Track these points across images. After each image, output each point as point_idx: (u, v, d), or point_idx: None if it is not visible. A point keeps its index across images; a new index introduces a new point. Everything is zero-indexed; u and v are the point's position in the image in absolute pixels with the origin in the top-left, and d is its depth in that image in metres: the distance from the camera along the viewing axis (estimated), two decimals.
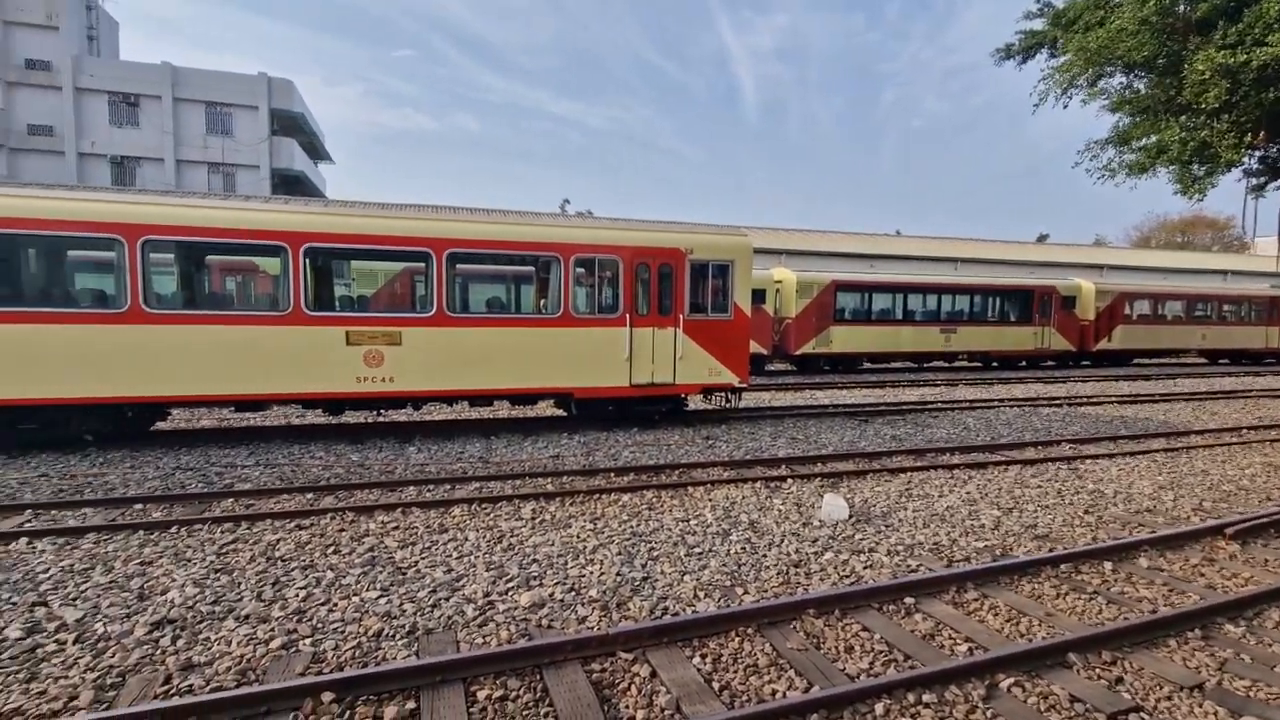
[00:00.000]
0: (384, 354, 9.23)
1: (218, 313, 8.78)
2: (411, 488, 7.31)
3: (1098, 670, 3.83)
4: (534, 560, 5.27)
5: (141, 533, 5.80)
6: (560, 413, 12.23)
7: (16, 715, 3.24)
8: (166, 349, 8.43)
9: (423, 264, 9.54)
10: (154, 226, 8.35)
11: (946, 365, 24.43)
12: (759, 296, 18.82)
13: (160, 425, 10.46)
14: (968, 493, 7.47)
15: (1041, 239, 53.74)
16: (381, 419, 11.48)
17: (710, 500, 6.98)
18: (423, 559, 5.27)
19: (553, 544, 5.63)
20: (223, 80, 35.68)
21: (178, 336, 8.47)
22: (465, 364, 9.56)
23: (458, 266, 9.82)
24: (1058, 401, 14.98)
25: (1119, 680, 3.75)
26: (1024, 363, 24.91)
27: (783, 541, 5.81)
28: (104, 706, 3.31)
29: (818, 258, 32.63)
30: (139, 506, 6.55)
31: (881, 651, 4.00)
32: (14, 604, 4.42)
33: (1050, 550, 5.70)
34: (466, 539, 5.73)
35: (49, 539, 5.61)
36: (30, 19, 33.02)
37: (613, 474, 7.96)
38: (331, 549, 5.47)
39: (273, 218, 8.89)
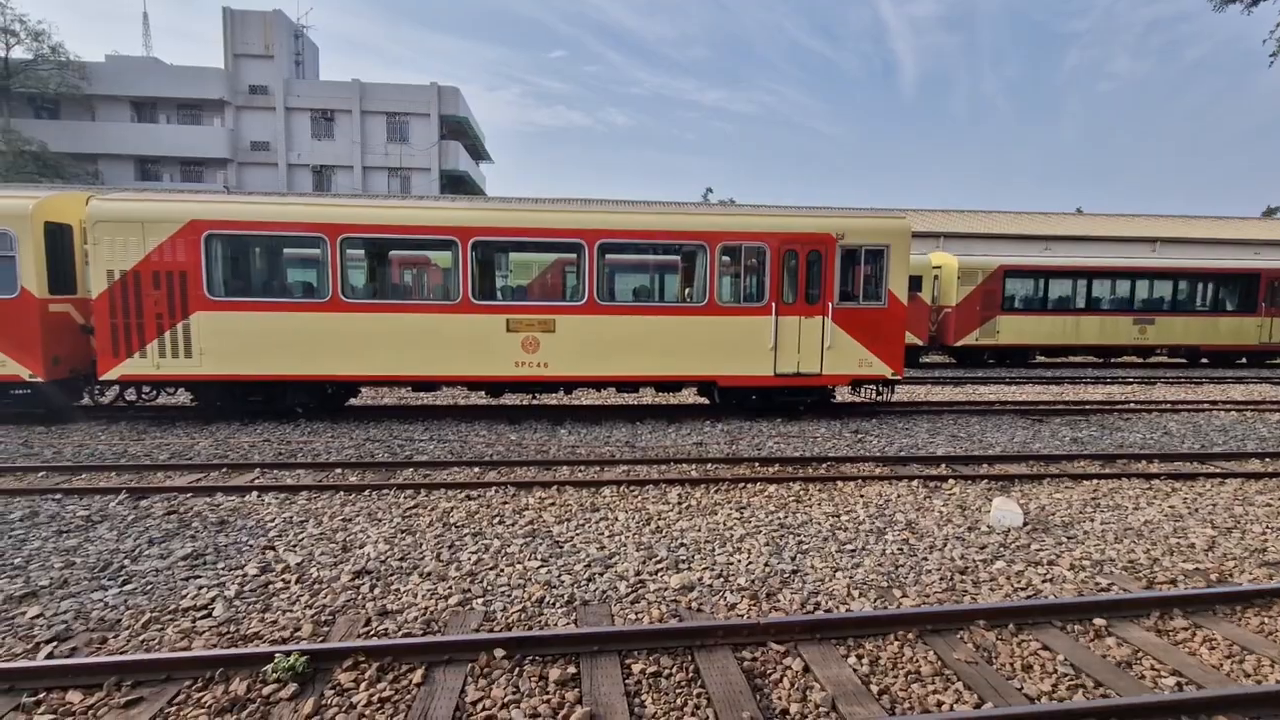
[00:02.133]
0: (539, 341, 9.75)
1: (400, 302, 9.71)
2: (565, 467, 7.71)
3: None
4: (682, 544, 5.35)
5: (342, 494, 6.58)
6: (703, 401, 12.27)
7: (256, 639, 3.85)
8: (359, 334, 9.44)
9: (575, 255, 9.95)
10: (350, 226, 9.41)
11: (1140, 361, 21.39)
12: (915, 284, 17.62)
13: (352, 401, 11.76)
14: (1171, 507, 6.53)
15: (1270, 213, 45.15)
16: (535, 402, 12.15)
17: (862, 496, 6.74)
18: (577, 535, 5.54)
19: (699, 530, 5.69)
20: (401, 92, 39.57)
21: (368, 323, 9.46)
22: (613, 351, 9.87)
23: (607, 257, 10.06)
24: None
25: None
26: (1243, 360, 21.17)
27: (945, 545, 5.44)
28: (319, 640, 3.84)
29: (982, 240, 29.86)
30: (339, 471, 7.45)
31: (1066, 675, 3.61)
32: (251, 546, 5.26)
33: None
34: (617, 519, 5.94)
35: (273, 494, 6.57)
36: (252, 50, 38.69)
37: (758, 464, 7.90)
38: (497, 519, 5.91)
39: (444, 214, 9.68)
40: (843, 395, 12.66)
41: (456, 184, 43.08)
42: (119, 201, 9.19)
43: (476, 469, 7.60)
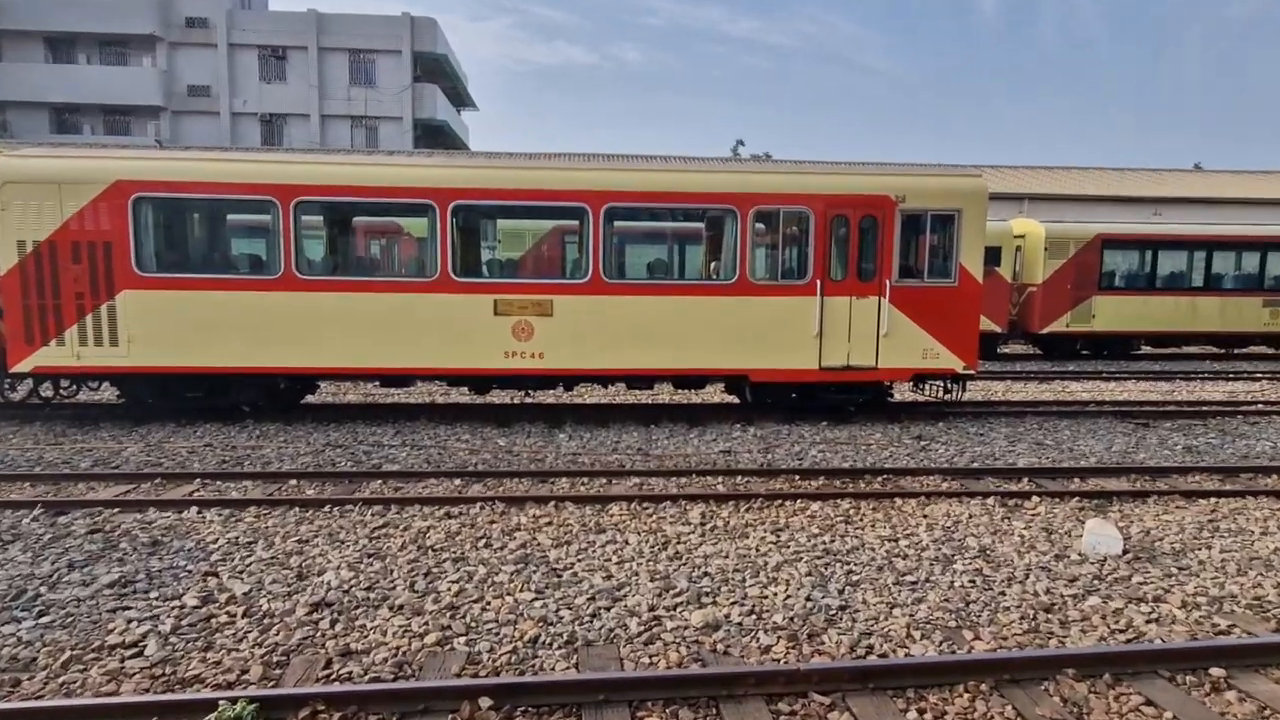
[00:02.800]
0: (533, 326, 9.82)
1: (366, 279, 9.90)
2: (564, 479, 7.79)
3: None
4: (705, 573, 5.38)
5: (297, 510, 6.68)
6: (732, 399, 12.29)
7: (197, 683, 3.91)
8: (317, 317, 9.56)
9: (576, 222, 10.02)
10: (306, 187, 9.48)
11: (1271, 353, 21.09)
12: (992, 256, 17.48)
13: (309, 399, 11.90)
14: None
15: None
16: (529, 400, 12.22)
17: (925, 516, 6.75)
18: (579, 561, 5.59)
19: (727, 555, 5.72)
20: (365, 24, 39.69)
21: (328, 304, 9.58)
22: (623, 338, 9.94)
23: (616, 224, 10.12)
24: None
25: None
26: None
27: (1027, 577, 5.43)
28: (271, 685, 3.89)
29: (1076, 204, 29.57)
30: (293, 483, 7.54)
31: None
32: (190, 571, 5.34)
33: None
34: (627, 542, 5.99)
35: (216, 509, 6.67)
36: None
37: (798, 476, 7.95)
38: (482, 541, 5.97)
39: (419, 173, 9.78)
40: (902, 393, 12.63)
41: (433, 136, 43.23)
42: (31, 158, 9.29)
43: (458, 481, 7.68)
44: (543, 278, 10.13)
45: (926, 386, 11.40)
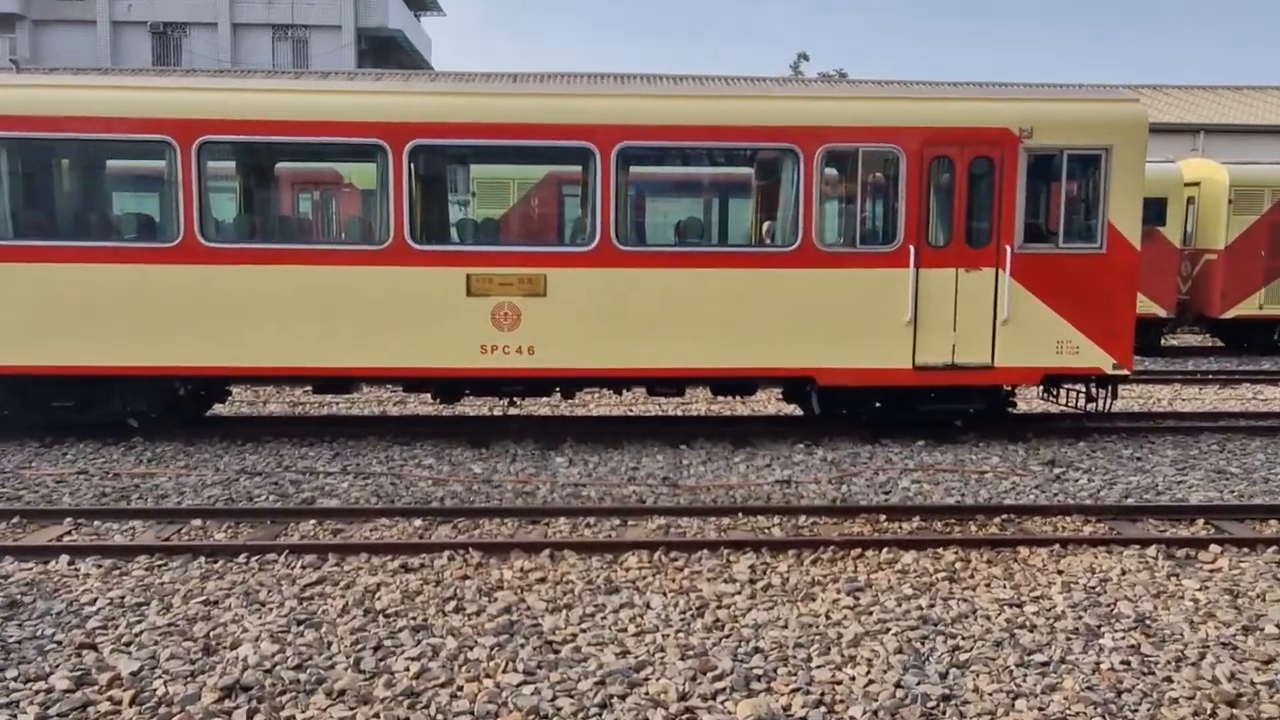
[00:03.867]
0: (521, 311, 9.78)
1: (294, 247, 9.97)
2: (562, 519, 7.69)
3: None
4: (756, 649, 5.32)
5: (203, 560, 6.68)
6: (792, 410, 12.20)
7: None
8: (229, 299, 9.59)
9: (579, 167, 10.13)
10: (213, 123, 9.52)
11: None
12: (1154, 212, 17.17)
13: (218, 409, 11.89)
14: None
15: None
16: (515, 411, 12.06)
17: (1060, 572, 6.64)
18: (583, 631, 5.53)
19: (785, 624, 5.67)
20: None
21: (243, 282, 9.61)
22: (643, 327, 9.89)
23: (633, 170, 10.18)
24: None
25: None
26: None
27: (1203, 657, 5.33)
28: None
29: (1272, 138, 29.09)
30: (197, 523, 7.56)
31: None
32: (59, 642, 5.31)
33: None
34: (649, 605, 5.91)
35: (94, 558, 6.65)
36: None
37: (884, 517, 7.88)
38: (451, 604, 5.89)
39: (366, 102, 9.81)
40: (1028, 401, 12.50)
41: (384, 51, 43.44)
42: None
43: (418, 522, 7.67)
44: (534, 244, 10.40)
45: (1062, 393, 11.22)
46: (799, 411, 11.97)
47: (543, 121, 9.86)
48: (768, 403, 13.06)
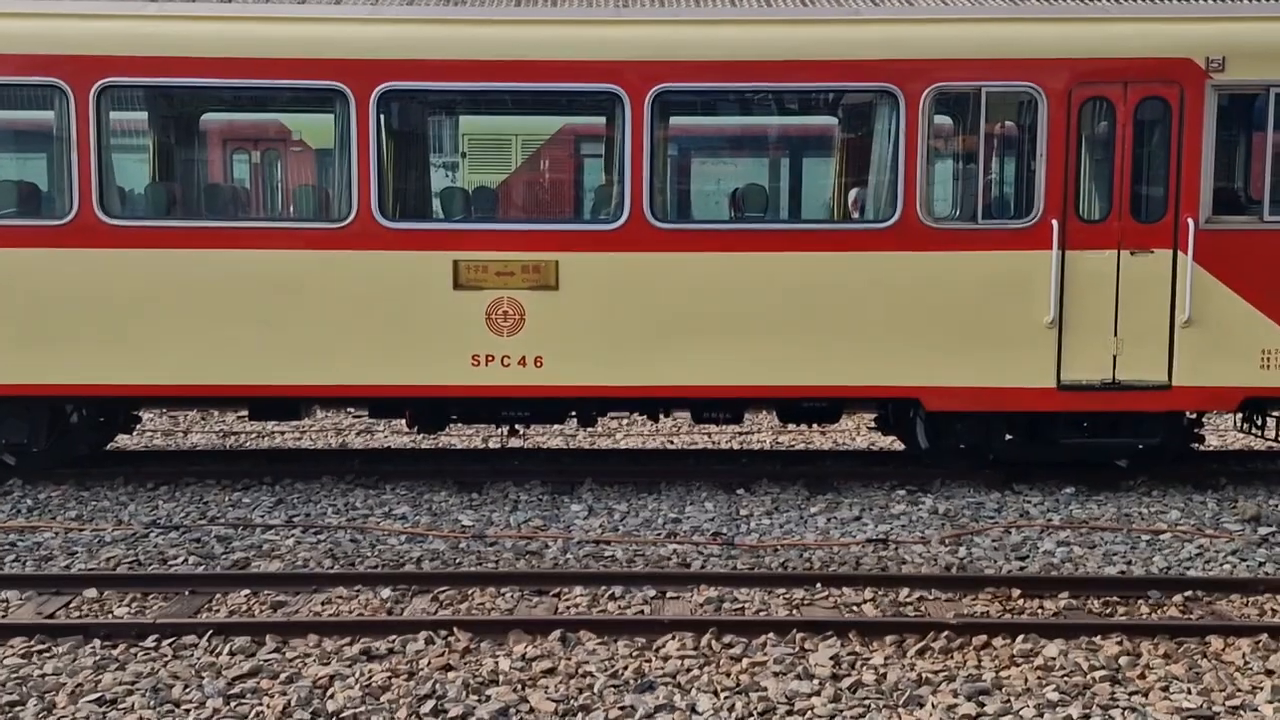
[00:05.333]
0: (525, 309, 9.16)
1: (224, 225, 9.47)
2: (579, 589, 7.20)
3: None
4: None
5: (98, 643, 6.02)
6: (890, 444, 11.89)
7: None
8: (138, 295, 8.97)
9: (602, 118, 9.78)
10: (118, 61, 8.75)
11: None
12: None
13: (123, 440, 11.43)
14: None
15: None
16: (517, 443, 11.63)
17: (1270, 673, 5.87)
18: None
19: None
20: None
21: (156, 271, 8.94)
22: (686, 331, 9.24)
23: (673, 123, 9.84)
24: None
25: None
26: None
27: None
28: None
29: None
30: (92, 593, 6.92)
31: None
32: None
33: None
34: (694, 708, 5.27)
35: None
36: None
37: (1018, 591, 7.18)
38: (429, 704, 5.23)
39: (321, 31, 9.15)
40: (1220, 434, 12.15)
41: None
42: None
43: (386, 592, 7.01)
44: (542, 221, 10.14)
45: (1270, 422, 10.13)
46: (899, 446, 11.45)
47: (554, 58, 9.11)
48: (856, 433, 12.74)
